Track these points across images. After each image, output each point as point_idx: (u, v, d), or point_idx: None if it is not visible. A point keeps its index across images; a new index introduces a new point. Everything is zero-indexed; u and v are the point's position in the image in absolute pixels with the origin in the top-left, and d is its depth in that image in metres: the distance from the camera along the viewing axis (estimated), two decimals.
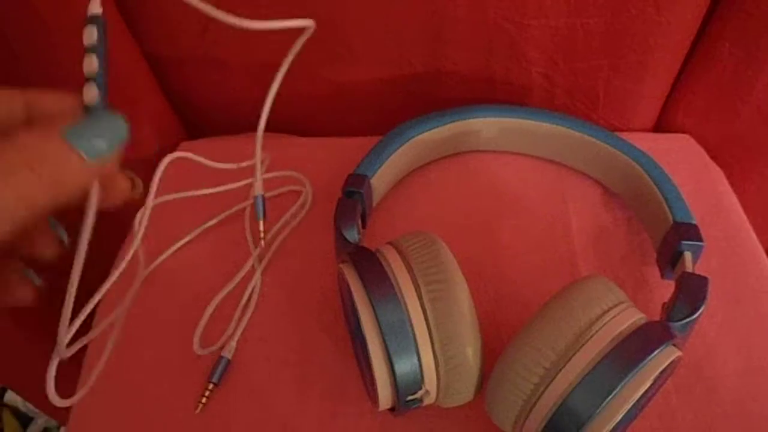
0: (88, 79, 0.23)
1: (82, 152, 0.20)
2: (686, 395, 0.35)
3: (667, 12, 0.41)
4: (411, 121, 0.44)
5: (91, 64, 0.22)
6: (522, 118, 0.45)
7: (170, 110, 0.50)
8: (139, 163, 0.50)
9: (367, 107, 0.51)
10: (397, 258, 0.31)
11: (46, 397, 0.26)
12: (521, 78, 0.47)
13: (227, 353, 0.37)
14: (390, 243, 0.32)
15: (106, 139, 0.21)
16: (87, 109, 0.22)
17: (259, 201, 0.37)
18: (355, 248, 0.32)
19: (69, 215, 0.23)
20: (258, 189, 0.37)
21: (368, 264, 0.30)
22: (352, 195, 0.38)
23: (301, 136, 0.52)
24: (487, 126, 0.45)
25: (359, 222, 0.37)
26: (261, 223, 0.37)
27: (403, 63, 0.47)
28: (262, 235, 0.37)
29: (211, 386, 0.36)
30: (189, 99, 0.50)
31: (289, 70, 0.48)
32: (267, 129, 0.53)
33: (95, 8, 0.23)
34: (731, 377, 0.35)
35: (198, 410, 0.35)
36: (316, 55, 0.47)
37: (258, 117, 0.52)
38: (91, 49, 0.23)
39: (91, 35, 0.23)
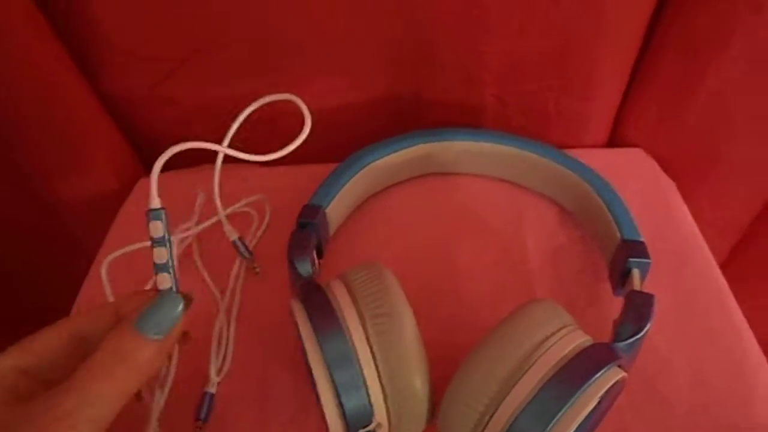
0: (159, 268, 0.27)
1: (151, 336, 0.25)
2: (640, 411, 0.35)
3: (609, 32, 0.42)
4: (365, 149, 0.44)
5: (162, 255, 0.27)
6: (478, 140, 0.46)
7: (128, 147, 0.50)
8: (99, 201, 0.50)
9: (326, 134, 0.52)
10: (344, 293, 0.31)
11: None
12: (475, 100, 0.48)
13: (211, 388, 0.37)
14: (339, 276, 0.33)
15: (166, 318, 0.26)
16: (161, 293, 0.27)
17: (238, 243, 0.42)
18: (305, 283, 0.33)
19: None
20: (231, 234, 0.42)
21: (315, 300, 0.30)
22: (306, 226, 0.38)
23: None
24: (443, 149, 0.46)
25: (313, 254, 0.37)
26: (250, 260, 0.42)
27: (362, 89, 0.48)
28: (257, 270, 0.42)
29: (200, 423, 0.36)
30: (145, 135, 0.50)
31: (247, 101, 0.49)
32: (232, 161, 0.53)
33: (155, 204, 0.27)
34: (683, 390, 0.36)
35: None
36: (272, 82, 0.47)
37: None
38: (159, 242, 0.27)
39: (156, 229, 0.26)
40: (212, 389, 0.37)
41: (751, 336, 0.38)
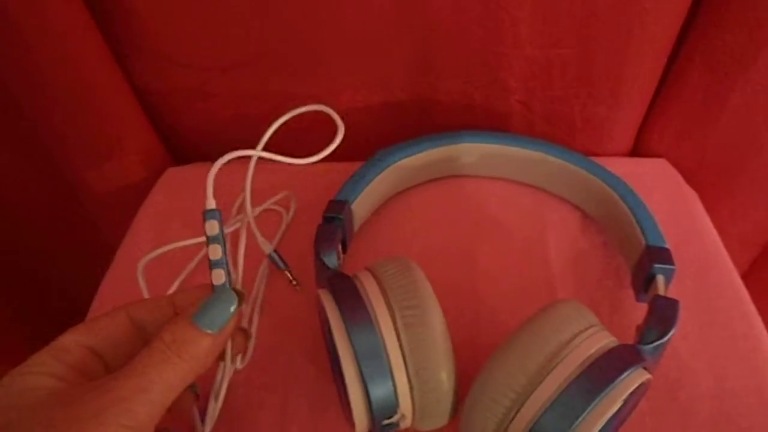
0: (214, 264, 0.28)
1: (207, 330, 0.26)
2: (660, 417, 0.35)
3: (638, 41, 0.42)
4: (392, 147, 0.45)
5: (216, 252, 0.28)
6: (502, 144, 0.46)
7: (156, 137, 0.51)
8: (125, 189, 0.51)
9: (352, 134, 0.52)
10: (373, 284, 0.31)
11: None
12: (501, 105, 0.48)
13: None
14: (367, 268, 0.33)
15: (222, 313, 0.27)
16: (215, 288, 0.28)
17: (274, 256, 0.42)
18: (333, 274, 0.33)
19: None
20: (267, 248, 0.42)
21: (345, 290, 0.31)
22: (332, 220, 0.39)
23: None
24: (467, 151, 0.46)
25: (339, 247, 0.37)
26: (287, 273, 0.42)
27: (386, 90, 0.49)
28: (294, 282, 0.42)
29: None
30: (174, 126, 0.51)
31: (273, 99, 0.49)
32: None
33: (211, 204, 0.29)
34: (705, 399, 0.36)
35: None
36: (299, 83, 0.48)
37: (241, 144, 0.52)
38: (215, 240, 0.28)
39: (212, 228, 0.28)
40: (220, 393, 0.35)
41: None
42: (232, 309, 0.27)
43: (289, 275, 0.42)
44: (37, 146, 0.48)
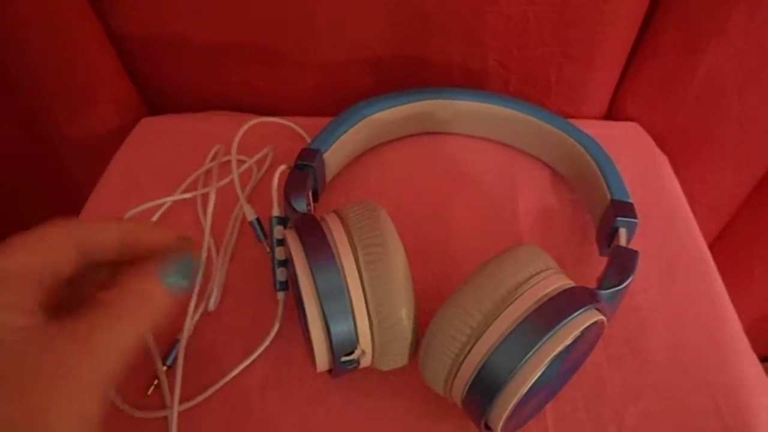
0: (279, 264, 0.31)
1: (172, 290, 0.26)
2: (617, 366, 0.36)
3: (614, 1, 0.42)
4: (367, 100, 0.45)
5: (281, 253, 0.31)
6: (476, 101, 0.46)
7: (131, 85, 0.50)
8: (100, 138, 0.51)
9: (330, 89, 0.53)
10: (338, 223, 0.32)
11: None
12: (477, 63, 0.49)
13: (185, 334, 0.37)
14: (334, 210, 0.33)
15: (187, 278, 0.27)
16: (279, 285, 0.31)
17: (255, 224, 0.41)
18: (301, 215, 0.33)
19: None
20: (250, 214, 0.42)
21: (310, 229, 0.31)
22: (304, 168, 0.39)
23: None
24: (442, 108, 0.47)
25: (309, 195, 0.38)
26: (265, 244, 0.41)
27: (365, 47, 0.48)
28: (271, 252, 0.38)
29: (165, 369, 0.36)
30: (150, 75, 0.50)
31: (253, 51, 0.49)
32: (232, 108, 0.54)
33: (277, 212, 0.32)
34: (661, 350, 0.37)
35: (150, 392, 0.35)
36: (279, 39, 0.48)
37: (218, 96, 0.53)
38: (281, 243, 0.30)
39: (280, 232, 0.31)
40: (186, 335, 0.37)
41: (728, 303, 0.39)
42: (196, 272, 0.28)
43: (267, 247, 0.41)
44: (12, 90, 0.48)
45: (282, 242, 0.30)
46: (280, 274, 0.31)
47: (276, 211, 0.32)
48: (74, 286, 0.26)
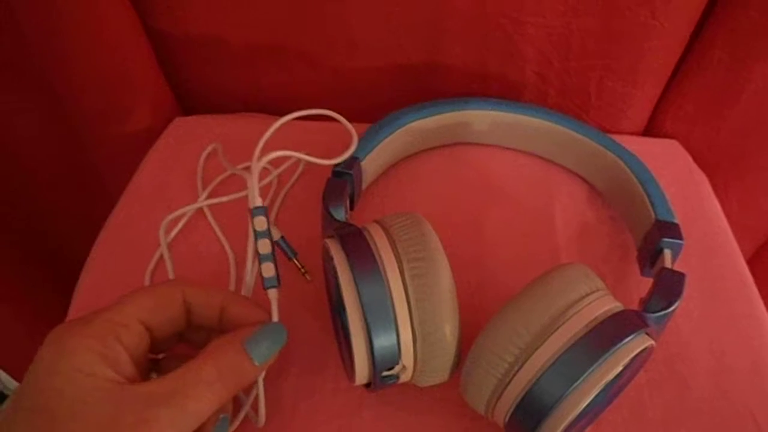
0: (263, 258, 0.30)
1: (255, 360, 0.27)
2: (658, 390, 0.35)
3: (662, 16, 0.41)
4: (405, 109, 0.44)
5: (266, 246, 0.30)
6: (513, 112, 0.46)
7: (166, 85, 0.50)
8: (132, 137, 0.50)
9: (364, 95, 0.52)
10: (382, 235, 0.31)
11: None
12: (515, 75, 0.48)
13: None
14: (376, 221, 0.33)
15: (272, 347, 0.28)
16: (266, 281, 0.30)
17: (282, 244, 0.38)
18: (342, 225, 0.33)
19: None
20: (275, 234, 0.38)
21: (353, 239, 0.31)
22: (342, 175, 0.38)
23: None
24: (479, 118, 0.46)
25: (347, 202, 0.37)
26: (295, 261, 0.39)
27: (401, 54, 0.48)
28: (303, 271, 0.39)
29: None
30: (185, 75, 0.50)
31: (289, 54, 0.49)
32: (264, 111, 0.53)
33: (257, 202, 0.30)
34: (703, 375, 0.36)
35: None
36: (316, 43, 0.47)
37: (251, 98, 0.52)
38: (263, 234, 0.29)
39: (261, 223, 0.30)
40: None
41: None
42: (281, 343, 0.29)
43: (297, 264, 0.39)
44: (44, 88, 0.47)
45: (263, 234, 0.29)
46: (266, 270, 0.29)
47: (258, 201, 0.30)
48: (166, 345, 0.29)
